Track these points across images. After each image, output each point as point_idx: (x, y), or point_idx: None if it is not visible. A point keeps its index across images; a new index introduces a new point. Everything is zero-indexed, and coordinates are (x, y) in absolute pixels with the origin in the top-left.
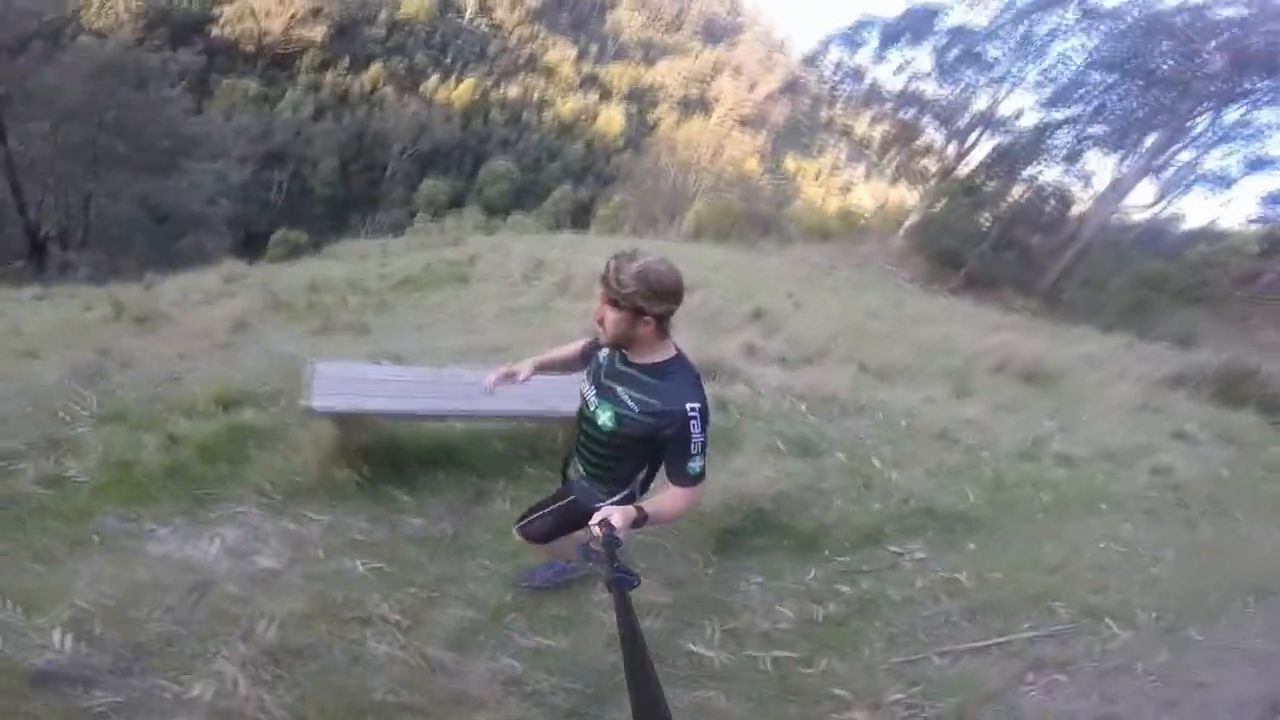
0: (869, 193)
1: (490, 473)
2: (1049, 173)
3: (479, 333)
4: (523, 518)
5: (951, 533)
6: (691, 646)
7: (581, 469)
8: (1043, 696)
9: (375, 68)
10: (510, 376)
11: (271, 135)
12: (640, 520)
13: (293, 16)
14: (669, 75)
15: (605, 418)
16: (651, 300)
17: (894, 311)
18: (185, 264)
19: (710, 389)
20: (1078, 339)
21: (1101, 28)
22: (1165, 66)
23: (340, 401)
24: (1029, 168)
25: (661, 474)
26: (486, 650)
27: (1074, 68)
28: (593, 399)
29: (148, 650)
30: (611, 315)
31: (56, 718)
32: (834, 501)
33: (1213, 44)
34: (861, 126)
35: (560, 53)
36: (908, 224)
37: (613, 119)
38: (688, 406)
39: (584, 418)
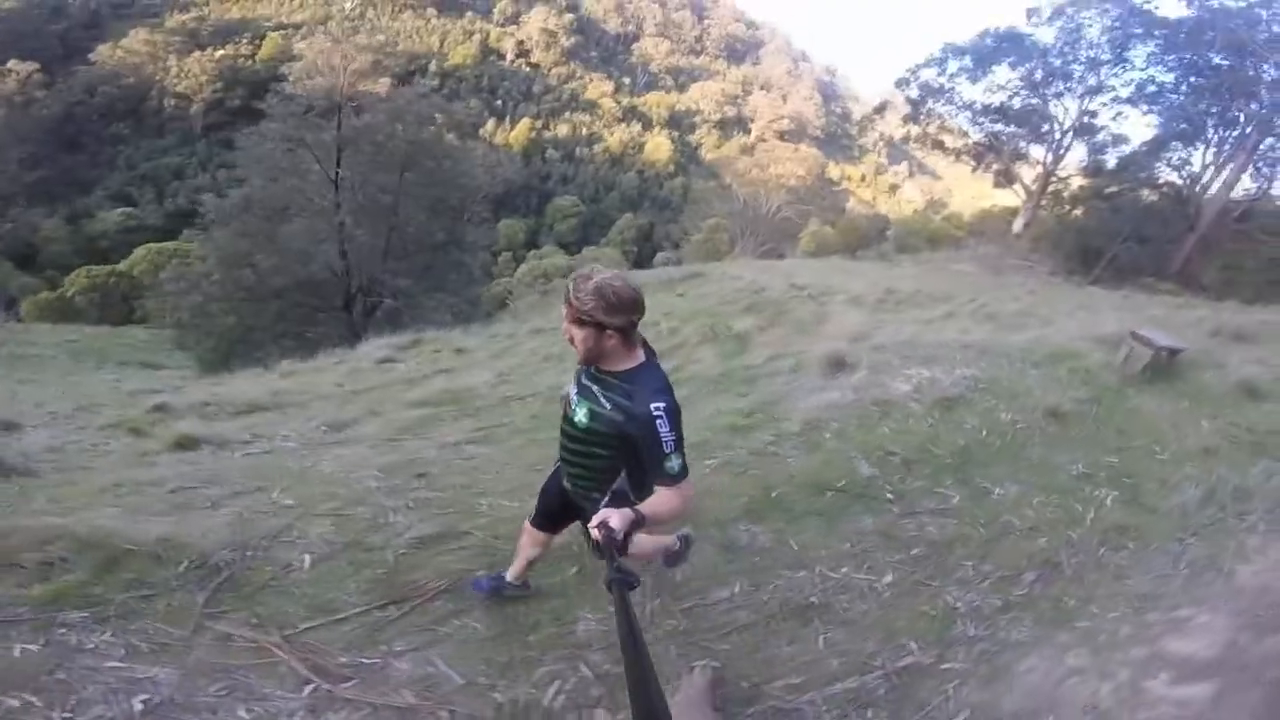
0: (917, 190)
1: None
2: (1162, 171)
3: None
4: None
5: None
6: None
7: (569, 480)
8: None
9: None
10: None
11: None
12: (638, 521)
13: (355, 71)
14: (702, 98)
15: (581, 414)
16: (611, 314)
17: (1102, 304)
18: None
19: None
20: (1239, 311)
21: (1158, 34)
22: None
23: (1163, 339)
24: (1148, 170)
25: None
26: None
27: (1148, 75)
28: (574, 398)
29: None
30: (578, 333)
31: None
32: None
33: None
34: (952, 140)
35: (599, 88)
36: (1020, 224)
37: (659, 146)
38: (652, 407)
39: (565, 419)
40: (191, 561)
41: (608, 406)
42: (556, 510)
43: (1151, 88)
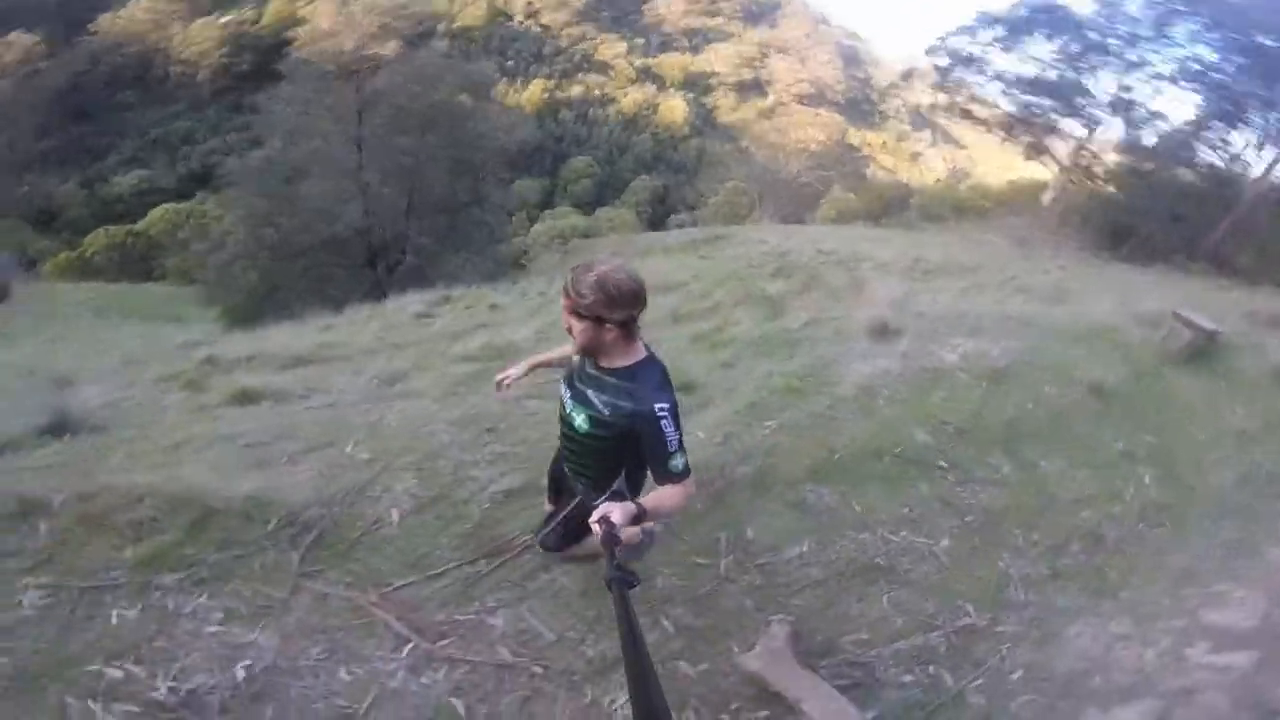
0: (939, 158)
1: None
2: (1202, 151)
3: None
4: (540, 531)
5: None
6: None
7: (568, 469)
8: None
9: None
10: (509, 379)
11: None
12: (640, 516)
13: (365, 34)
14: (719, 61)
15: (580, 419)
16: (611, 308)
17: (1134, 281)
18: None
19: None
20: (1275, 295)
21: (1201, 11)
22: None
23: (1203, 321)
24: (1187, 150)
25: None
26: None
27: (1190, 52)
28: (569, 401)
29: None
30: (577, 325)
31: None
32: None
33: None
34: (980, 109)
35: (612, 48)
36: (1049, 198)
37: (674, 108)
38: (656, 407)
39: (562, 419)
40: (281, 519)
41: (606, 413)
42: (567, 489)
43: (1194, 65)
